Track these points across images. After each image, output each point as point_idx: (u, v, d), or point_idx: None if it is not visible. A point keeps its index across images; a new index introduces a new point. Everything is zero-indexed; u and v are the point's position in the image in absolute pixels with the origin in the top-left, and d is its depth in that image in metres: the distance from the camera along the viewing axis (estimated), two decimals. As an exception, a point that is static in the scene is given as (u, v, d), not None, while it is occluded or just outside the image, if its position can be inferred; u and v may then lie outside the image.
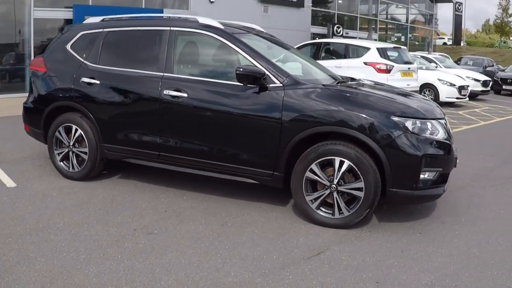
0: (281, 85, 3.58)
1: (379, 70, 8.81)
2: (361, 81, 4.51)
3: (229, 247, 3.19)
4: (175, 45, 4.01)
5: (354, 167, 3.38)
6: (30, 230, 3.33)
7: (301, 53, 4.83)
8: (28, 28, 12.50)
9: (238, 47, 3.77)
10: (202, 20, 4.01)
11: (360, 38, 20.50)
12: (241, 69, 3.47)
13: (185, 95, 3.84)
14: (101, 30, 4.39)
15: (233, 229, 3.49)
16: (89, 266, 2.85)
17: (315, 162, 3.47)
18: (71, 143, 4.41)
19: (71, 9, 12.70)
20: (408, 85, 9.17)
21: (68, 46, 4.48)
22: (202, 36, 3.96)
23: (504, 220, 3.87)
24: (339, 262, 3.00)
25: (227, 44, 3.82)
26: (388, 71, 8.79)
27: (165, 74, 3.95)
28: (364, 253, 3.14)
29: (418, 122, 3.42)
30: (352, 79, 4.53)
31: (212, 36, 3.89)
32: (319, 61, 9.81)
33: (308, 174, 3.50)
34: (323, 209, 3.54)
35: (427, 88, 11.21)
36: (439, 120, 3.62)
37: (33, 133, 4.70)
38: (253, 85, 3.60)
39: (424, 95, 11.23)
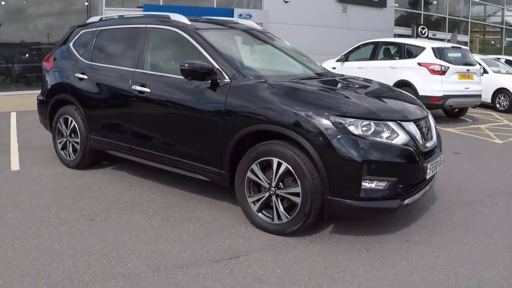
0: (228, 80, 3.52)
1: (433, 72, 8.02)
2: (346, 78, 4.22)
3: (150, 240, 3.24)
4: (148, 42, 4.18)
5: (292, 170, 3.17)
6: (-5, 207, 3.75)
7: (293, 50, 4.65)
8: None
9: (197, 42, 3.80)
10: (174, 17, 4.12)
11: (446, 40, 18.84)
12: (186, 65, 3.49)
13: (149, 90, 3.97)
14: (96, 28, 4.74)
15: (172, 224, 3.53)
16: (17, 242, 3.15)
17: (255, 162, 3.34)
18: (68, 134, 4.82)
19: (142, 9, 13.65)
20: (466, 88, 8.20)
21: (71, 44, 4.92)
22: (170, 33, 4.07)
23: (487, 246, 3.30)
24: (244, 270, 2.87)
25: (189, 40, 3.87)
26: (442, 72, 7.95)
27: (136, 70, 4.14)
28: (282, 264, 2.95)
29: (366, 123, 3.10)
30: (339, 76, 4.27)
31: (177, 32, 3.97)
32: (376, 62, 9.36)
33: (249, 174, 3.39)
34: (264, 213, 3.40)
35: (502, 93, 9.89)
36: (402, 122, 3.23)
37: (43, 124, 5.25)
38: (203, 81, 3.59)
39: (499, 100, 9.99)
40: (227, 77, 3.54)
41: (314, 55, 13.20)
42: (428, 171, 3.31)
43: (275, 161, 3.24)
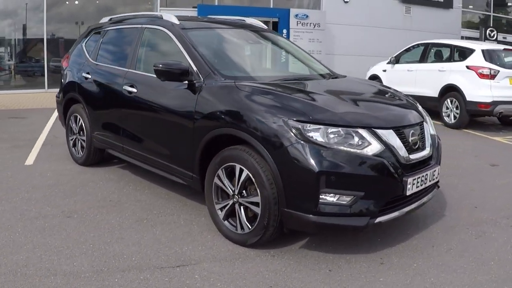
0: (202, 81, 3.43)
1: (481, 75, 7.26)
2: (342, 80, 3.95)
3: (111, 241, 3.25)
4: (141, 42, 4.22)
5: (252, 178, 3.00)
6: (-11, 199, 4.00)
7: (296, 50, 4.45)
8: None
9: (180, 42, 3.76)
10: (165, 16, 4.11)
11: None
12: (160, 65, 3.46)
13: (135, 90, 4.01)
14: (104, 29, 4.90)
15: (141, 226, 3.52)
16: (-12, 234, 3.29)
17: (220, 168, 3.23)
18: (77, 131, 5.03)
19: (196, 9, 13.95)
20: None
21: (84, 44, 5.13)
22: (159, 32, 4.07)
23: (475, 277, 2.86)
24: (183, 280, 2.76)
25: (173, 39, 3.84)
26: (492, 76, 7.17)
27: (129, 70, 4.20)
28: (226, 277, 2.79)
29: (332, 129, 2.83)
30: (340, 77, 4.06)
31: (165, 32, 3.97)
32: (425, 64, 8.73)
33: (216, 180, 3.28)
34: (230, 221, 3.26)
35: None
36: (378, 130, 2.91)
37: (61, 121, 5.52)
38: (181, 81, 3.54)
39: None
40: (201, 78, 3.45)
41: (375, 58, 12.66)
42: (409, 186, 2.95)
43: (238, 167, 3.09)
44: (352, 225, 2.83)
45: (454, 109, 7.82)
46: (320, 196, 2.75)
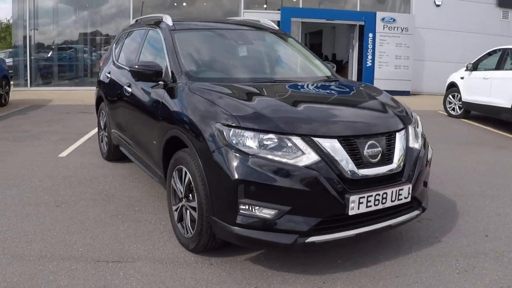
0: (170, 82, 3.48)
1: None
2: (321, 84, 3.74)
3: (75, 231, 3.45)
4: (144, 43, 4.41)
5: (192, 181, 2.96)
6: (3, 182, 4.49)
7: (301, 52, 4.27)
8: None
9: (165, 43, 3.84)
10: (164, 18, 4.23)
11: None
12: (136, 66, 3.57)
13: (131, 90, 4.20)
14: (128, 30, 5.22)
15: (113, 221, 3.67)
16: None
17: (174, 169, 3.23)
18: (103, 127, 5.43)
19: (279, 11, 14.04)
20: None
21: (114, 44, 5.52)
22: (155, 34, 4.20)
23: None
24: (103, 275, 2.81)
25: (161, 41, 3.93)
26: None
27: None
28: (147, 279, 2.78)
29: (261, 135, 2.64)
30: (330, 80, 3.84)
31: (158, 33, 4.08)
32: (501, 72, 7.72)
33: (172, 181, 3.29)
34: (181, 224, 3.24)
35: None
36: (318, 138, 2.65)
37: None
38: (156, 82, 3.63)
39: None
40: (170, 79, 3.50)
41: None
42: (353, 205, 2.63)
43: (184, 170, 3.07)
44: (276, 242, 2.60)
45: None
46: (240, 207, 2.59)
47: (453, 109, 9.55)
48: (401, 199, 2.83)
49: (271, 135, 2.63)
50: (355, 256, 3.12)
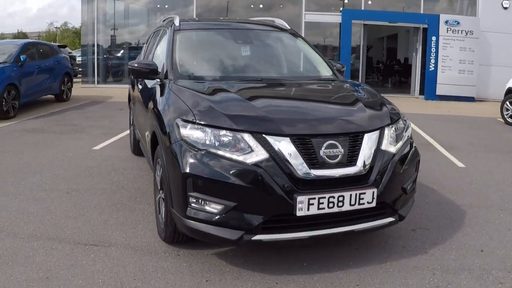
0: (162, 79, 3.65)
1: None
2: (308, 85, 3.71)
3: (73, 216, 3.74)
4: (159, 43, 4.63)
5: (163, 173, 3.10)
6: (30, 170, 4.96)
7: (307, 52, 4.26)
8: (299, 31, 14.76)
9: (167, 42, 4.02)
10: (175, 18, 4.42)
11: None
12: (135, 65, 3.78)
13: (141, 87, 4.46)
14: (155, 30, 5.50)
15: (110, 209, 3.92)
16: None
17: (156, 162, 3.39)
18: (131, 123, 5.80)
19: (340, 13, 13.85)
20: None
21: (145, 44, 5.85)
22: (165, 33, 4.40)
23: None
24: (75, 256, 3.05)
25: (166, 40, 4.12)
26: None
27: (146, 68, 4.68)
28: (109, 262, 2.96)
29: (214, 132, 2.70)
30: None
31: (166, 32, 4.28)
32: None
33: (155, 174, 3.45)
34: (160, 215, 3.39)
35: None
36: (269, 136, 2.64)
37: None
38: (149, 80, 3.84)
39: None
40: (163, 76, 3.67)
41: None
42: (302, 206, 2.57)
43: (160, 162, 3.21)
44: (222, 237, 2.64)
45: None
46: (190, 200, 2.68)
47: (510, 116, 8.79)
48: (363, 203, 2.72)
49: (223, 131, 2.68)
50: (324, 260, 3.05)
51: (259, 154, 2.61)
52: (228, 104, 2.96)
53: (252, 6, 15.99)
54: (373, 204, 2.75)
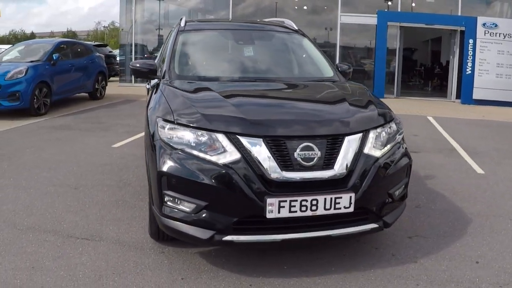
0: (160, 79, 3.72)
1: None
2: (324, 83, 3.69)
3: (74, 210, 3.89)
4: (167, 43, 4.69)
5: (151, 171, 3.17)
6: (46, 166, 5.19)
7: (304, 52, 4.23)
8: (335, 32, 14.58)
9: (171, 43, 4.10)
10: (182, 19, 4.49)
11: None
12: (137, 65, 3.86)
13: (148, 87, 4.56)
14: (170, 31, 5.60)
15: (110, 205, 4.04)
16: (9, 189, 4.38)
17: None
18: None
19: (376, 15, 13.59)
20: None
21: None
22: (172, 34, 4.46)
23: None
24: (64, 248, 3.16)
25: (171, 40, 4.19)
26: None
27: (159, 68, 4.78)
28: (94, 256, 3.05)
29: (188, 131, 2.72)
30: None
31: (172, 33, 4.37)
32: None
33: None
34: (153, 212, 3.47)
35: None
36: (242, 137, 2.62)
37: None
38: (150, 79, 3.93)
39: None
40: (161, 76, 3.74)
41: None
42: (272, 208, 2.53)
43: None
44: (194, 235, 2.66)
45: None
46: (165, 198, 2.72)
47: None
48: (340, 208, 2.65)
49: (199, 132, 2.69)
50: (306, 265, 3.01)
51: (231, 155, 2.61)
52: (208, 104, 2.99)
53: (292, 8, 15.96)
54: (351, 209, 2.68)
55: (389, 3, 14.66)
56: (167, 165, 2.68)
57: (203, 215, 2.63)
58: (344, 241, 3.32)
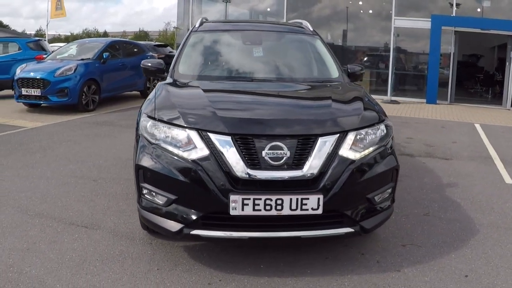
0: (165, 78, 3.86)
1: None
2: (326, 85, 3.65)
3: (82, 200, 4.12)
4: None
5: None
6: (74, 158, 5.53)
7: (321, 53, 4.19)
8: (389, 36, 14.18)
9: (182, 43, 4.23)
10: (200, 19, 4.61)
11: None
12: (148, 64, 4.00)
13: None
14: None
15: (119, 197, 4.23)
16: (25, 180, 4.73)
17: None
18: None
19: (430, 19, 13.07)
20: None
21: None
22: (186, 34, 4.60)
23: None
24: (62, 234, 3.37)
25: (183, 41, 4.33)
26: None
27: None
28: (87, 243, 3.22)
29: (166, 127, 2.81)
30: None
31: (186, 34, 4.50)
32: None
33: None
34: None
35: None
36: (212, 134, 2.66)
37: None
38: (161, 78, 4.06)
39: None
40: (165, 75, 3.88)
41: None
42: (235, 205, 2.54)
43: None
44: (165, 228, 2.74)
45: None
46: (142, 191, 2.83)
47: None
48: (307, 209, 2.60)
49: (174, 128, 2.78)
50: (283, 265, 2.98)
51: (201, 151, 2.67)
52: (188, 102, 3.08)
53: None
54: (319, 211, 2.62)
55: (455, 8, 13.95)
56: (144, 158, 2.80)
57: (174, 209, 2.70)
58: (329, 245, 3.25)
